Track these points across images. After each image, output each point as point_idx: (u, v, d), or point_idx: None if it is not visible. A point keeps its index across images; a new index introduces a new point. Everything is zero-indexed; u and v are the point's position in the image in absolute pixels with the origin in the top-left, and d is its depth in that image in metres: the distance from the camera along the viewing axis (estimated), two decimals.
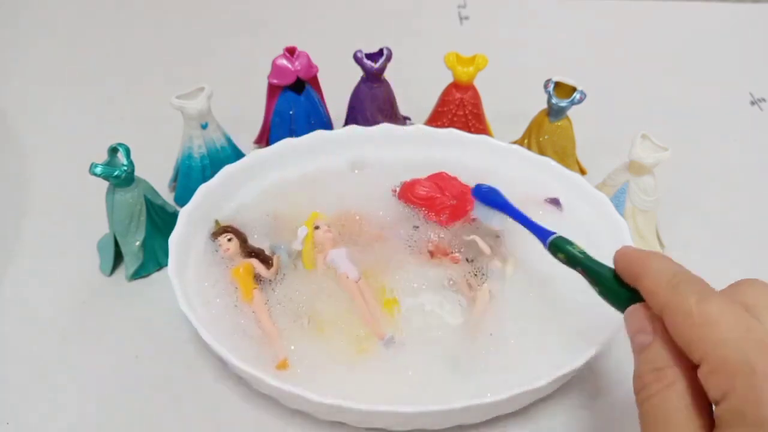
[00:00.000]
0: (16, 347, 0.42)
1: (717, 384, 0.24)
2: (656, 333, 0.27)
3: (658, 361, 0.26)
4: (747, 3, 0.80)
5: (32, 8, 0.77)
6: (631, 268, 0.30)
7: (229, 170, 0.46)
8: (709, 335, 0.24)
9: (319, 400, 0.33)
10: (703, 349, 0.24)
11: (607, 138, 0.55)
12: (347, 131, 0.50)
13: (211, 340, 0.36)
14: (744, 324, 0.24)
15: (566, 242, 0.35)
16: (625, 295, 0.30)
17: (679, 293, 0.26)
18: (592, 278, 0.33)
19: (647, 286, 0.28)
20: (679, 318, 0.26)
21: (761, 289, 0.27)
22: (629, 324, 0.29)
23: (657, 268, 0.28)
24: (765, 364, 0.23)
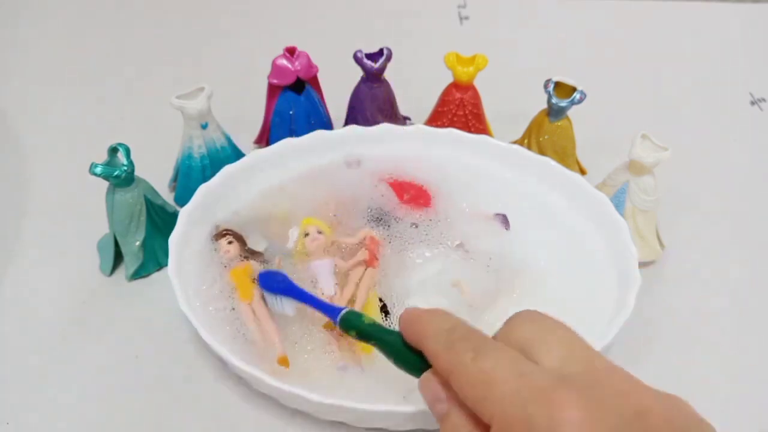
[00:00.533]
0: (16, 347, 0.42)
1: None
2: (450, 400, 0.26)
3: (458, 427, 0.26)
4: (747, 3, 0.80)
5: (32, 8, 0.77)
6: (413, 329, 0.29)
7: (229, 170, 0.46)
8: (489, 394, 0.24)
9: (319, 400, 0.33)
10: (489, 409, 0.24)
11: (607, 138, 0.55)
12: (347, 131, 0.50)
13: (211, 340, 0.36)
14: (517, 372, 0.24)
15: (357, 316, 0.33)
16: (418, 362, 0.29)
17: (456, 353, 0.26)
18: (384, 349, 0.31)
19: (429, 349, 0.28)
20: (460, 380, 0.25)
21: (532, 323, 0.27)
22: (424, 394, 0.28)
23: (435, 328, 0.28)
24: (543, 415, 0.22)
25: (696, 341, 0.43)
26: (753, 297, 0.47)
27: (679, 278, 0.47)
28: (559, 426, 0.22)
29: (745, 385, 0.41)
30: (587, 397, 0.23)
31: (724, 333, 0.44)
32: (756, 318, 0.45)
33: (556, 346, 0.25)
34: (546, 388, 0.23)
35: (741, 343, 0.44)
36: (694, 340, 0.43)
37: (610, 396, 0.23)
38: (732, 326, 0.45)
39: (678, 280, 0.47)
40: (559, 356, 0.25)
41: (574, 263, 0.43)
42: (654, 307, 0.45)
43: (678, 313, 0.45)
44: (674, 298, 0.46)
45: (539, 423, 0.22)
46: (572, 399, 0.23)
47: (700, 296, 0.46)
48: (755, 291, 0.47)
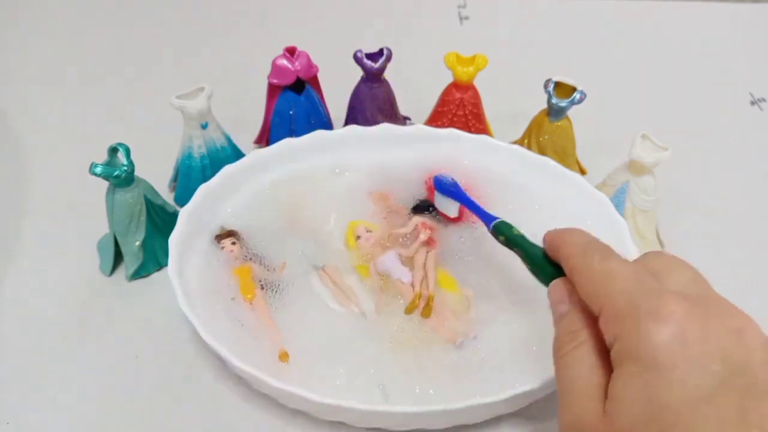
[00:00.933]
0: (16, 347, 0.42)
1: (610, 329, 0.26)
2: (573, 302, 0.29)
3: (573, 325, 0.28)
4: (747, 3, 0.80)
5: (32, 8, 0.77)
6: (553, 242, 0.32)
7: (229, 170, 0.46)
8: (607, 287, 0.27)
9: (320, 400, 0.33)
10: (601, 300, 0.27)
11: (607, 138, 0.55)
12: (347, 131, 0.50)
13: (211, 340, 0.36)
14: (637, 276, 0.26)
15: (507, 226, 0.38)
16: (552, 272, 0.32)
17: (586, 256, 0.29)
18: (525, 257, 0.35)
19: (563, 253, 0.31)
20: (583, 276, 0.28)
21: (664, 257, 0.29)
22: (551, 295, 0.31)
23: (573, 239, 0.31)
24: (649, 304, 0.25)
25: None
26: (753, 297, 0.46)
27: None
28: (663, 315, 0.24)
29: None
30: (695, 304, 0.25)
31: None
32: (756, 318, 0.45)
33: (681, 275, 0.27)
34: (658, 289, 0.26)
35: None
36: None
37: (718, 312, 0.25)
38: None
39: None
40: (681, 281, 0.27)
41: None
42: None
43: None
44: None
45: (645, 309, 0.24)
46: (680, 299, 0.25)
47: None
48: (755, 291, 0.47)
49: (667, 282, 0.27)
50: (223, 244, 0.43)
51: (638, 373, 0.24)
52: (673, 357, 0.23)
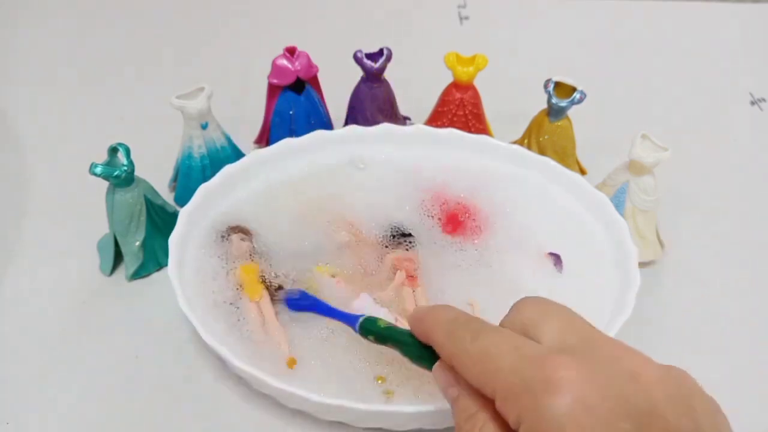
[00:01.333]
0: (16, 347, 0.42)
1: (511, 411, 0.24)
2: (460, 384, 0.28)
3: (468, 409, 0.27)
4: (747, 3, 0.80)
5: (32, 8, 0.77)
6: (421, 326, 0.30)
7: (229, 170, 0.46)
8: (489, 368, 0.25)
9: (320, 400, 0.33)
10: (490, 383, 0.25)
11: (607, 138, 0.55)
12: (347, 131, 0.50)
13: (211, 340, 0.36)
14: (514, 347, 0.25)
15: (372, 322, 0.35)
16: (431, 357, 0.30)
17: (456, 338, 0.27)
18: (400, 349, 0.33)
19: (434, 340, 0.29)
20: (462, 362, 0.27)
21: (535, 305, 0.28)
22: (438, 381, 0.29)
23: (438, 320, 0.29)
24: (537, 376, 0.24)
25: (696, 341, 0.43)
26: (753, 297, 0.47)
27: (679, 278, 0.47)
28: (556, 385, 0.23)
29: (746, 385, 0.41)
30: (582, 359, 0.24)
31: (725, 333, 0.44)
32: (756, 318, 0.45)
33: (555, 324, 0.26)
34: (541, 355, 0.24)
35: (741, 342, 0.44)
36: (694, 340, 0.43)
37: (605, 359, 0.24)
38: (732, 326, 0.45)
39: (678, 280, 0.47)
40: (558, 331, 0.26)
41: (574, 263, 0.43)
42: (654, 307, 0.45)
43: (678, 313, 0.45)
44: (674, 298, 0.46)
45: (536, 385, 0.23)
46: (567, 361, 0.24)
47: (700, 296, 0.46)
48: (755, 291, 0.47)
49: (544, 335, 0.26)
50: (231, 239, 0.43)
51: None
52: (580, 426, 0.22)
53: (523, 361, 0.25)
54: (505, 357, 0.25)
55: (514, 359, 0.25)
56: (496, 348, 0.26)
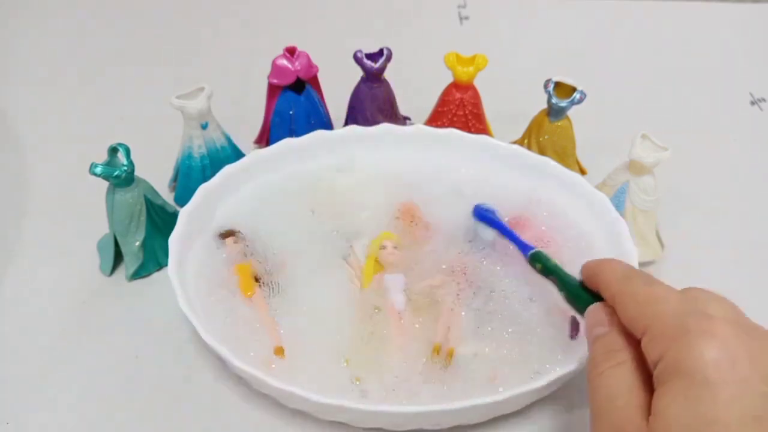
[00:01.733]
0: (16, 347, 0.42)
1: (656, 348, 0.26)
2: (612, 325, 0.30)
3: (612, 345, 0.29)
4: (747, 3, 0.80)
5: (32, 8, 0.77)
6: (592, 271, 0.33)
7: (229, 170, 0.46)
8: (652, 310, 0.27)
9: (320, 400, 0.33)
10: (646, 322, 0.27)
11: (607, 138, 0.55)
12: (347, 131, 0.50)
13: (211, 340, 0.36)
14: (684, 299, 0.27)
15: (544, 256, 0.39)
16: (588, 299, 0.33)
17: (629, 281, 0.30)
18: (562, 284, 0.36)
19: (604, 279, 0.31)
20: (627, 300, 0.29)
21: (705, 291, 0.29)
22: (588, 319, 0.31)
23: (613, 267, 0.32)
24: (698, 324, 0.25)
25: None
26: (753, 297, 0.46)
27: (679, 278, 0.47)
28: (710, 334, 0.24)
29: None
30: (741, 329, 0.25)
31: None
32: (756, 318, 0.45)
33: (719, 305, 0.28)
34: (707, 314, 0.26)
35: None
36: None
37: (759, 337, 0.26)
38: None
39: (678, 280, 0.47)
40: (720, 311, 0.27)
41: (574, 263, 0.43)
42: None
43: None
44: None
45: (693, 330, 0.25)
46: (726, 323, 0.25)
47: None
48: (755, 291, 0.47)
49: (709, 310, 0.27)
50: (225, 242, 0.44)
51: (686, 388, 0.24)
52: (723, 375, 0.23)
53: (688, 311, 0.26)
54: (672, 303, 0.27)
55: (679, 307, 0.27)
56: (667, 296, 0.28)
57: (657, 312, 0.27)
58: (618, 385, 0.27)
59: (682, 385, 0.24)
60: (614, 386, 0.27)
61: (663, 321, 0.26)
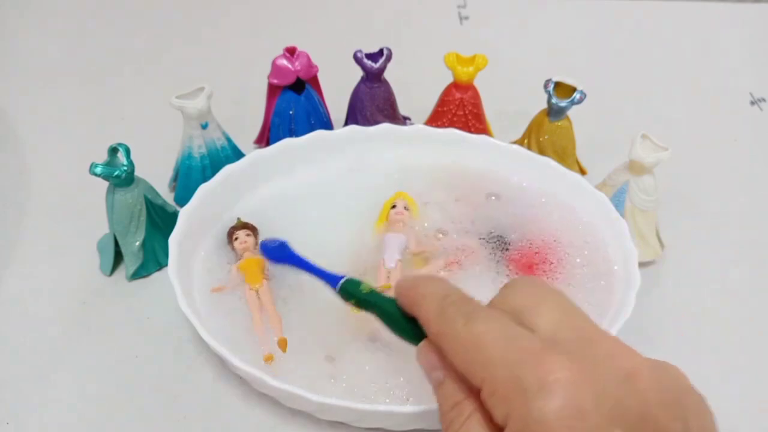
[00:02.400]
0: (16, 347, 0.42)
1: (497, 408, 0.23)
2: (446, 367, 0.26)
3: (454, 396, 0.26)
4: (747, 3, 0.80)
5: (32, 8, 0.77)
6: (407, 298, 0.29)
7: (229, 170, 0.46)
8: (479, 357, 0.24)
9: (320, 400, 0.33)
10: (478, 372, 0.24)
11: (607, 138, 0.55)
12: (347, 131, 0.50)
13: (211, 340, 0.36)
14: (508, 337, 0.24)
15: (354, 284, 0.33)
16: (415, 331, 0.29)
17: (447, 319, 0.26)
18: (382, 317, 0.31)
19: (422, 316, 0.28)
20: (451, 345, 0.25)
21: (530, 288, 0.27)
22: (421, 361, 0.28)
23: (429, 294, 0.28)
24: (532, 377, 0.22)
25: (696, 341, 0.43)
26: (753, 297, 0.47)
27: (679, 278, 0.47)
28: (548, 386, 0.22)
29: (746, 385, 0.41)
30: (576, 359, 0.23)
31: (724, 333, 0.44)
32: (756, 318, 0.45)
33: (550, 312, 0.25)
34: (535, 350, 0.23)
35: (741, 343, 0.44)
36: (694, 340, 0.43)
37: (600, 358, 0.23)
38: (732, 326, 0.45)
39: (678, 280, 0.47)
40: (552, 322, 0.25)
41: (574, 263, 0.43)
42: (654, 307, 0.45)
43: (678, 313, 0.45)
44: (674, 298, 0.46)
45: (528, 384, 0.22)
46: (561, 361, 0.23)
47: (700, 296, 0.46)
48: (755, 291, 0.47)
49: (539, 324, 0.25)
50: (237, 235, 0.43)
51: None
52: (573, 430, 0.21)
53: (516, 354, 0.23)
54: (498, 348, 0.24)
55: (506, 351, 0.24)
56: (488, 336, 0.24)
57: (486, 363, 0.24)
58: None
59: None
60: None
61: (495, 375, 0.23)
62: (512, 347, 0.24)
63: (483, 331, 0.25)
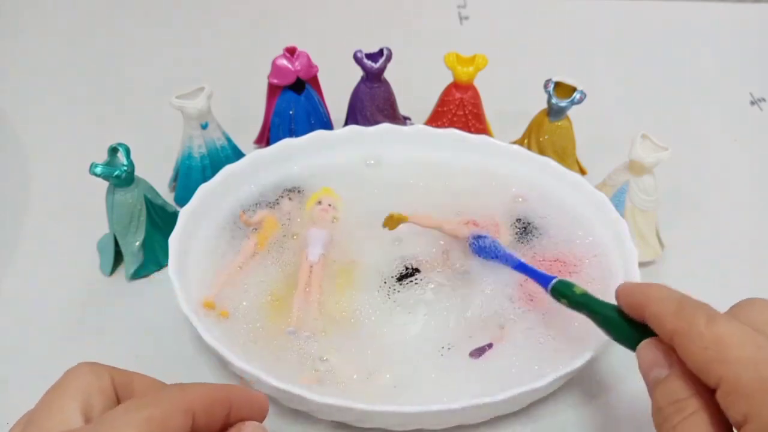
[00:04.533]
0: (16, 347, 0.42)
1: (736, 406, 0.24)
2: (671, 365, 0.27)
3: (677, 393, 0.26)
4: (747, 3, 0.80)
5: (32, 8, 0.77)
6: (634, 299, 0.30)
7: (229, 170, 0.46)
8: (723, 356, 0.24)
9: (319, 400, 0.33)
10: (718, 371, 0.24)
11: (607, 138, 0.55)
12: (347, 131, 0.50)
13: (211, 340, 0.36)
14: (755, 342, 0.24)
15: (567, 286, 0.35)
16: (633, 332, 0.30)
17: (687, 317, 0.26)
18: (597, 319, 0.32)
19: (654, 312, 0.28)
20: (690, 342, 0.26)
21: (761, 306, 0.27)
22: (642, 359, 0.29)
23: (660, 296, 0.28)
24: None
25: None
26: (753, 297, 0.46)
27: (679, 278, 0.47)
28: None
29: None
30: None
31: None
32: None
33: None
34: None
35: None
36: None
37: None
38: None
39: (678, 280, 0.47)
40: None
41: (574, 263, 0.43)
42: None
43: None
44: None
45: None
46: None
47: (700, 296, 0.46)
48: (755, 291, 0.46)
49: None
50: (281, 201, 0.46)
51: None
52: None
53: (764, 355, 0.24)
54: (745, 349, 0.24)
55: (754, 353, 0.24)
56: (734, 338, 0.25)
57: (730, 360, 0.24)
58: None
59: None
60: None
61: (738, 373, 0.24)
62: (759, 350, 0.24)
63: (727, 331, 0.25)
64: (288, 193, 0.47)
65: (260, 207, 0.46)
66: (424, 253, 0.44)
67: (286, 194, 0.47)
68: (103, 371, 0.27)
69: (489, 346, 0.38)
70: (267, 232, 0.45)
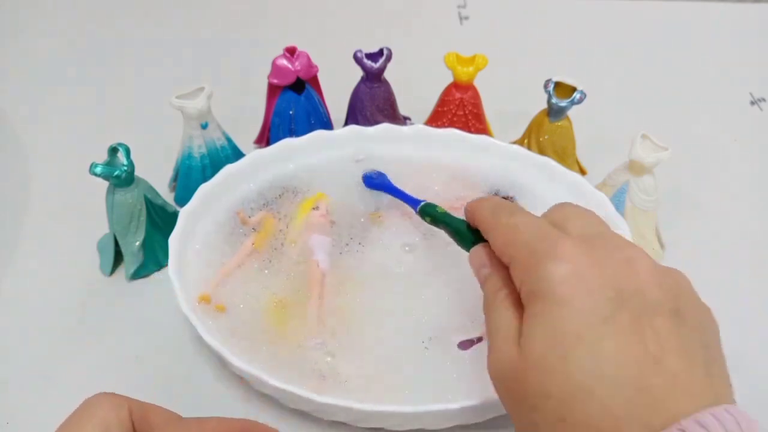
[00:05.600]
0: (16, 347, 0.42)
1: (518, 276, 0.28)
2: (493, 265, 0.31)
3: (496, 284, 0.30)
4: (747, 3, 0.80)
5: (32, 8, 0.77)
6: (471, 210, 0.35)
7: (229, 170, 0.46)
8: (513, 239, 0.29)
9: (320, 400, 0.33)
10: (509, 253, 0.29)
11: (607, 138, 0.55)
12: (347, 131, 0.50)
13: (211, 340, 0.36)
14: (539, 226, 0.29)
15: (432, 206, 0.40)
16: (473, 239, 0.34)
17: (496, 215, 0.32)
18: (450, 230, 0.37)
19: (478, 217, 0.33)
20: (494, 232, 0.31)
21: (566, 207, 0.31)
22: (472, 261, 0.33)
23: (484, 203, 0.34)
24: (546, 248, 0.27)
25: None
26: (753, 297, 0.47)
27: None
28: (558, 255, 0.26)
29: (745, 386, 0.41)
30: (588, 243, 0.27)
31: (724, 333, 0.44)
32: (756, 318, 0.45)
33: (581, 221, 0.30)
34: (555, 235, 0.28)
35: (741, 343, 0.43)
36: None
37: (610, 247, 0.27)
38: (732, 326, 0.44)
39: None
40: (579, 227, 0.29)
41: None
42: None
43: None
44: None
45: (543, 254, 0.27)
46: (573, 241, 0.27)
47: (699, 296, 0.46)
48: (755, 291, 0.47)
49: (569, 229, 0.29)
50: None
51: (542, 309, 0.26)
52: (571, 290, 0.25)
53: (540, 236, 0.28)
54: (528, 232, 0.29)
55: (533, 234, 0.28)
56: (524, 225, 0.29)
57: (515, 241, 0.29)
58: (500, 318, 0.29)
59: (540, 307, 0.26)
60: (497, 319, 0.29)
61: (520, 250, 0.28)
62: (539, 232, 0.29)
63: (520, 221, 0.30)
64: (288, 193, 0.47)
65: (260, 207, 0.46)
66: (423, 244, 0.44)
67: (286, 194, 0.47)
68: (122, 402, 0.28)
69: (478, 339, 0.39)
70: (266, 232, 0.44)
